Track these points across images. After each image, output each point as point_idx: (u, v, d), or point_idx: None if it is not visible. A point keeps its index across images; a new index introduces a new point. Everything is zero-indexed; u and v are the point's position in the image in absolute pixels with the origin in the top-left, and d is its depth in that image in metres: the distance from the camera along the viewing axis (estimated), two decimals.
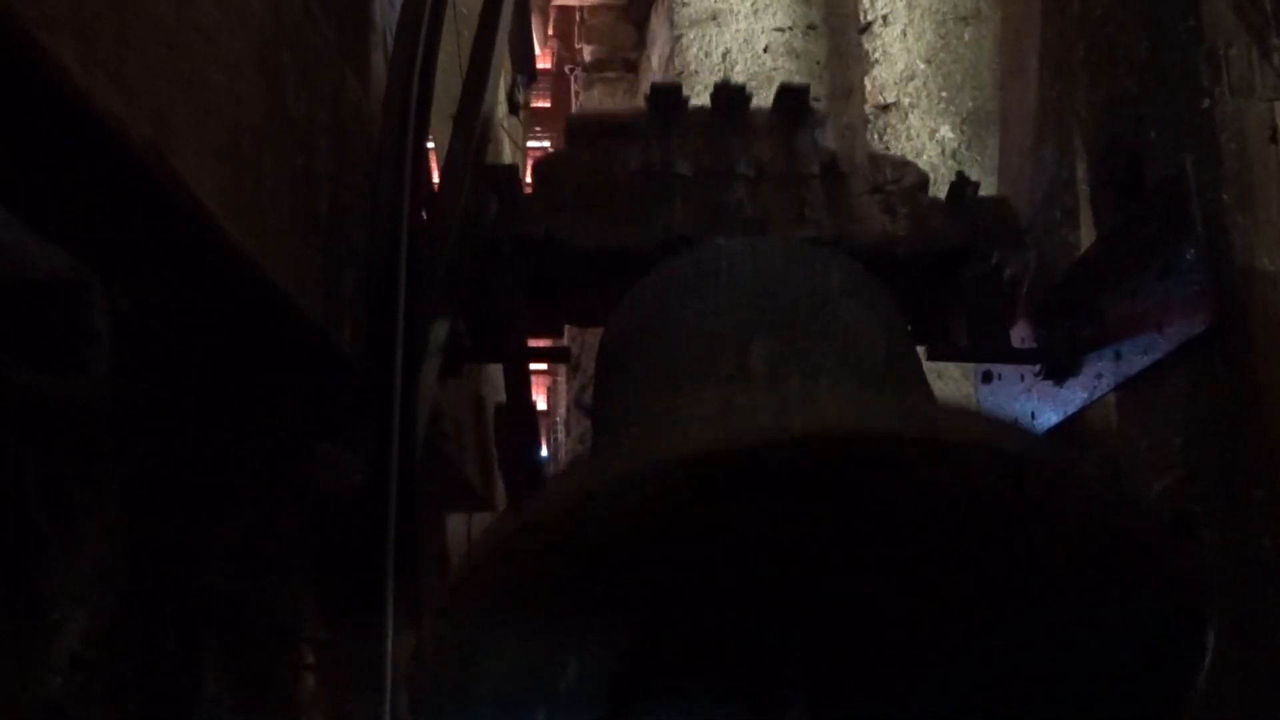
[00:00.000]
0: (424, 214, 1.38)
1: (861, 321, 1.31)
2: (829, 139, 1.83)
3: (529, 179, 1.88)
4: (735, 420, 0.97)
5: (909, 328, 1.48)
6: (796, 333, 1.26)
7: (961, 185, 1.75)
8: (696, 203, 1.67)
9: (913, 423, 0.93)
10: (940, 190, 1.79)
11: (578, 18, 7.45)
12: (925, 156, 3.67)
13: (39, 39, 0.66)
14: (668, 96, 1.79)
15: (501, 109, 2.94)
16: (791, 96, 1.80)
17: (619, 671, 1.16)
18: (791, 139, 1.76)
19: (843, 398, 1.12)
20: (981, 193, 1.78)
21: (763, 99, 1.88)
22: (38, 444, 1.07)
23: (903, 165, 1.81)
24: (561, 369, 5.21)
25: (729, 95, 1.79)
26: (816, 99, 1.91)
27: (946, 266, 1.70)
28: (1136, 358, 1.43)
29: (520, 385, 1.92)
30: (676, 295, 1.36)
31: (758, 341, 1.22)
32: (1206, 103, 1.32)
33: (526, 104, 3.37)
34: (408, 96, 1.32)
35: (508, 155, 3.07)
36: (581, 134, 1.82)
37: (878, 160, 1.84)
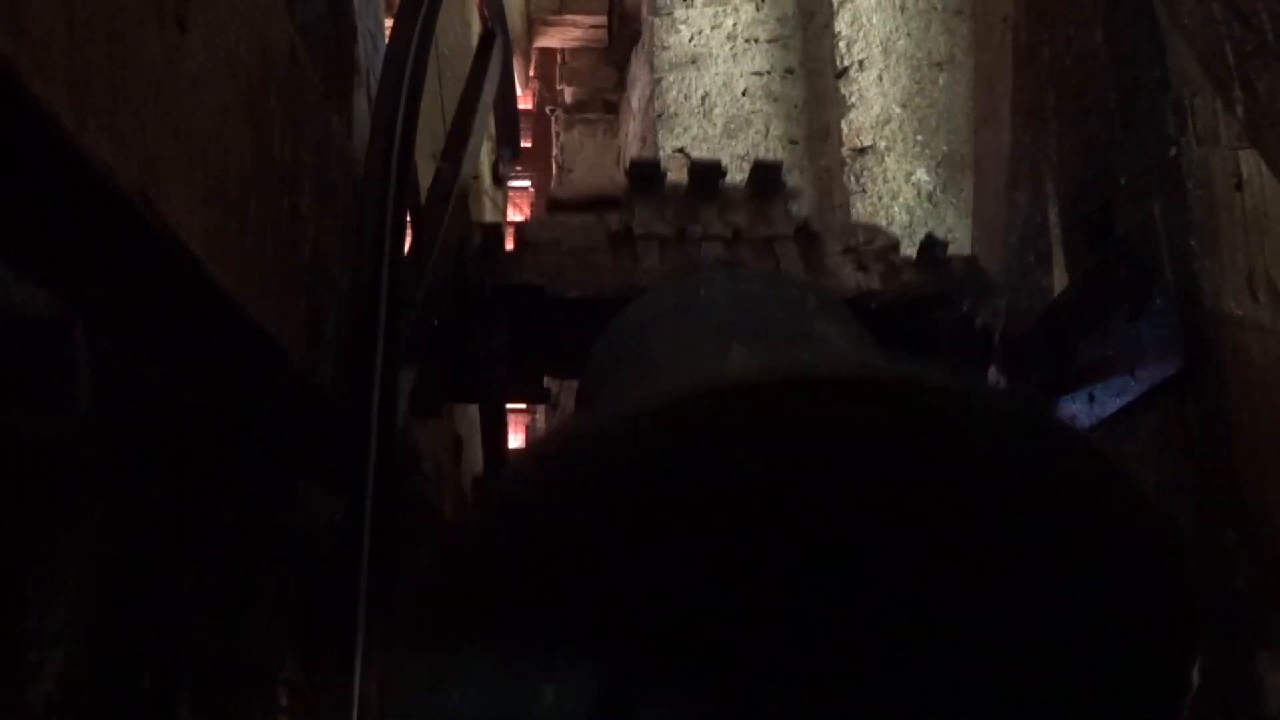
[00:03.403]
0: (405, 254, 1.40)
1: (835, 334, 1.36)
2: (802, 209, 1.89)
3: (511, 243, 1.92)
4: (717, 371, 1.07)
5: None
6: (773, 340, 1.32)
7: (931, 244, 1.82)
8: (675, 257, 1.72)
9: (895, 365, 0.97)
10: (916, 233, 1.84)
11: (559, 59, 7.53)
12: (902, 199, 3.73)
13: (32, 89, 0.67)
14: (646, 170, 1.84)
15: (486, 177, 3.01)
16: (766, 172, 1.86)
17: (597, 701, 1.16)
18: (766, 207, 1.82)
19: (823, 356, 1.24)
20: (958, 234, 1.83)
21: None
22: (17, 483, 1.06)
23: (874, 230, 1.90)
24: (540, 408, 5.20)
25: (705, 170, 1.84)
26: (787, 172, 1.98)
27: (920, 315, 1.74)
28: (1109, 400, 1.45)
29: (498, 430, 1.93)
30: (658, 319, 1.41)
31: (736, 345, 1.28)
32: (1173, 150, 1.36)
33: (507, 178, 3.49)
34: (391, 138, 1.34)
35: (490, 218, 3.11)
36: (564, 206, 1.90)
37: (850, 226, 1.94)
